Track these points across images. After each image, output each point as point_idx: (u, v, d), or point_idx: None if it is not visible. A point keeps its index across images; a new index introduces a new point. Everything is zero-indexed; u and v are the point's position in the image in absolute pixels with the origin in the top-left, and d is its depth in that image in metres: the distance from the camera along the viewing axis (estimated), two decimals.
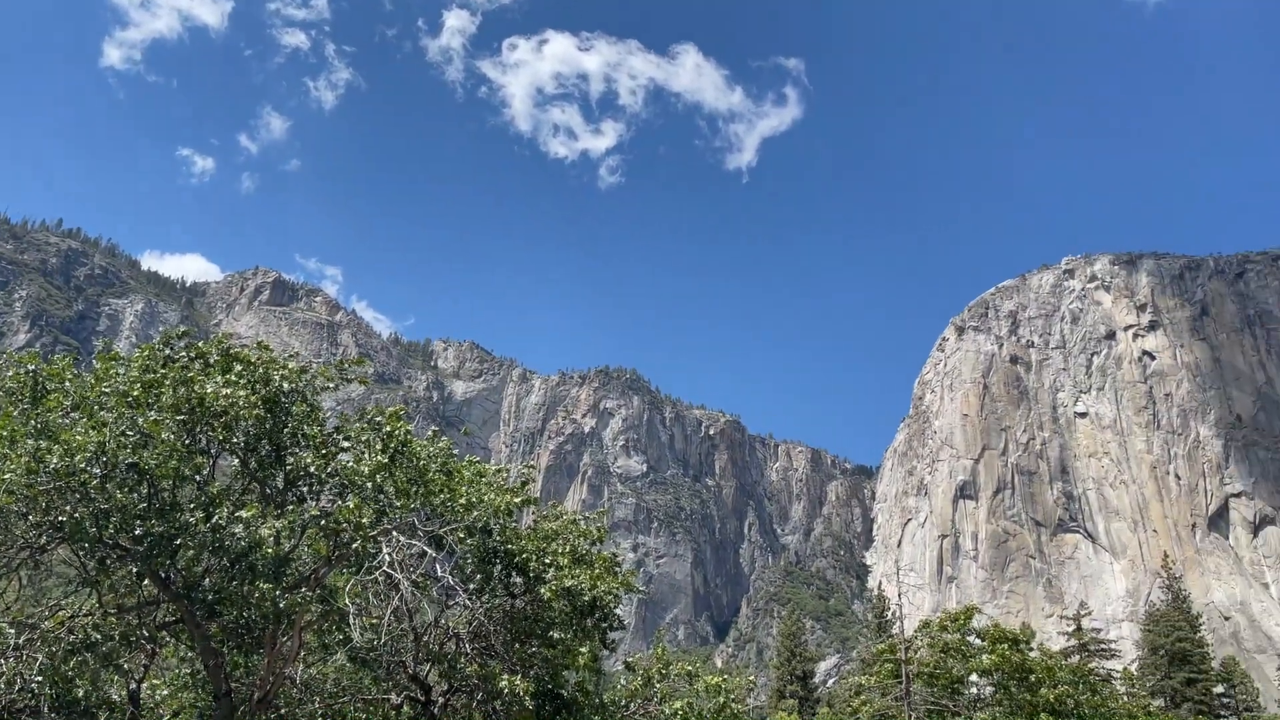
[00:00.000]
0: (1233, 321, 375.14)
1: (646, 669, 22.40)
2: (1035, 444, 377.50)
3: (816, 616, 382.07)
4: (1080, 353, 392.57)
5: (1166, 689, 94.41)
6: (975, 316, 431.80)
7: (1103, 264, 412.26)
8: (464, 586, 20.54)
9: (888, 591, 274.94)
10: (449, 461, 22.12)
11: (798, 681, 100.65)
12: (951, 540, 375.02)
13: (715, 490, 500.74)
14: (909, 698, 36.33)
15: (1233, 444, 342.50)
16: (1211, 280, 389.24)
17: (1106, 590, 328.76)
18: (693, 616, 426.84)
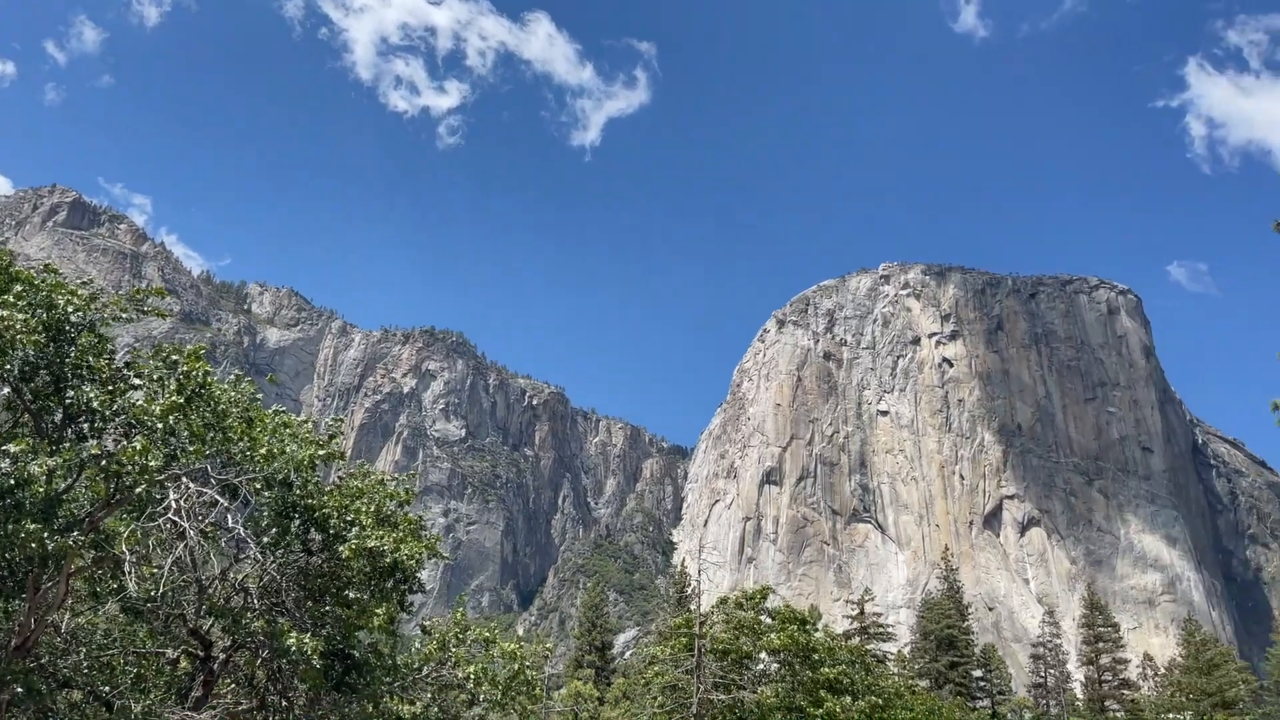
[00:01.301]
0: (1023, 338, 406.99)
1: (443, 633, 22.09)
2: (839, 437, 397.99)
3: (621, 589, 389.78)
4: (888, 354, 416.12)
5: (932, 671, 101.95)
6: (796, 311, 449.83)
7: (915, 273, 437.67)
8: (257, 540, 19.56)
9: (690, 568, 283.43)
10: (252, 409, 20.99)
11: (596, 652, 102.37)
12: (754, 523, 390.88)
13: (533, 460, 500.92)
14: (700, 670, 37.64)
15: (1011, 450, 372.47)
16: (1008, 298, 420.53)
17: (890, 578, 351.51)
18: (499, 584, 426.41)
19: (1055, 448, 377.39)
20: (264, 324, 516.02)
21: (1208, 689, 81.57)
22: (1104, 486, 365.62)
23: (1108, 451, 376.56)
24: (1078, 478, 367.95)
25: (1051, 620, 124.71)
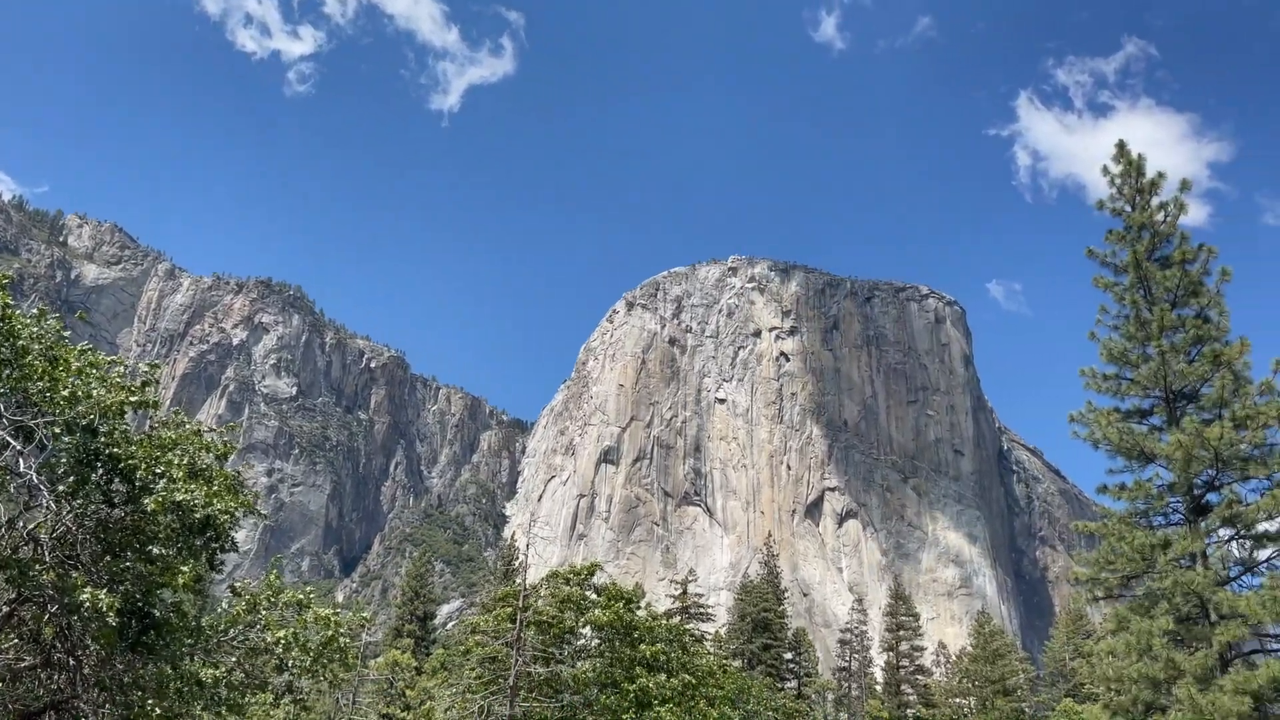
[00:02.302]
0: (856, 339, 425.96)
1: (254, 595, 21.20)
2: (678, 421, 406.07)
3: (449, 560, 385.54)
4: (730, 344, 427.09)
5: (747, 652, 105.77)
6: (646, 295, 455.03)
7: (762, 268, 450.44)
8: (52, 488, 18.18)
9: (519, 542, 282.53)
10: (57, 347, 19.47)
11: (418, 621, 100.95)
12: (589, 501, 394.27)
13: (367, 424, 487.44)
14: (520, 643, 37.75)
15: (837, 445, 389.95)
16: (846, 299, 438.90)
17: (715, 560, 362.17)
18: (321, 549, 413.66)
19: (877, 445, 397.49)
20: (81, 259, 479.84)
21: (991, 676, 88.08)
22: (917, 484, 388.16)
23: (923, 452, 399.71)
24: (895, 475, 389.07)
25: (860, 608, 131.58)
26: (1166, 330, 36.22)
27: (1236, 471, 34.27)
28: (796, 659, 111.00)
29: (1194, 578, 32.68)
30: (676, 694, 41.80)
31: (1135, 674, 32.82)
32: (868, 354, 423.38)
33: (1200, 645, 32.35)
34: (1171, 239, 37.64)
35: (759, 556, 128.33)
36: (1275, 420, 33.63)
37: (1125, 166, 38.97)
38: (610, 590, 47.01)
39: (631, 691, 39.62)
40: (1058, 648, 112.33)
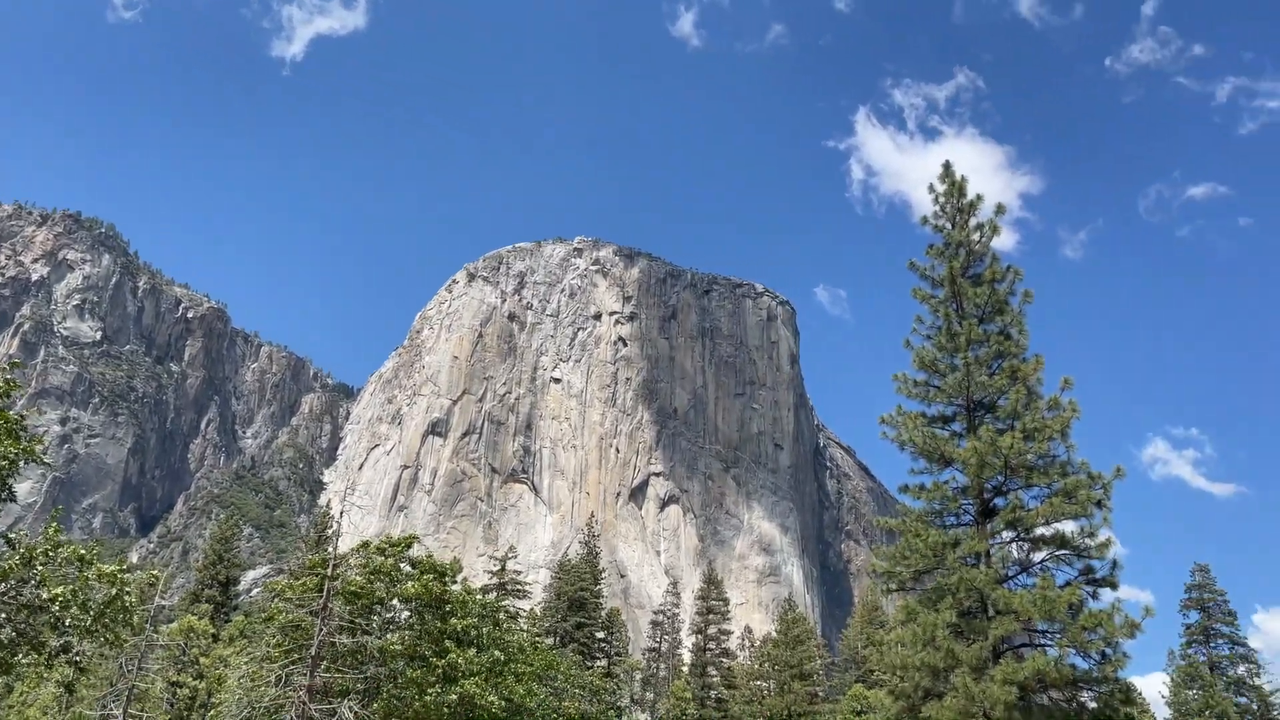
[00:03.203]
0: (692, 330, 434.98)
1: (30, 547, 19.56)
2: (511, 398, 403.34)
3: (259, 525, 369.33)
4: (569, 325, 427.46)
5: (560, 630, 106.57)
6: (489, 268, 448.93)
7: (608, 251, 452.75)
8: None
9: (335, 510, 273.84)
10: None
11: (219, 586, 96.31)
12: (412, 472, 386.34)
13: (179, 377, 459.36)
14: (326, 612, 36.58)
15: (665, 431, 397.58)
16: (685, 290, 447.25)
17: (537, 538, 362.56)
18: (117, 505, 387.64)
19: (703, 434, 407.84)
20: None
21: (790, 661, 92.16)
22: (738, 475, 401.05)
23: (746, 444, 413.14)
24: (717, 464, 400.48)
25: (674, 591, 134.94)
26: (973, 343, 38.68)
27: (1022, 479, 37.02)
28: (608, 638, 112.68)
29: (977, 575, 35.13)
30: (485, 669, 41.63)
31: (918, 662, 35.01)
32: (702, 345, 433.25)
33: (977, 638, 34.81)
34: (984, 258, 40.18)
35: (581, 536, 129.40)
36: (1059, 434, 36.53)
37: (949, 186, 41.32)
38: (425, 563, 46.27)
39: (439, 665, 39.16)
40: (853, 636, 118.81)
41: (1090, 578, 36.46)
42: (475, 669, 40.09)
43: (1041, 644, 36.39)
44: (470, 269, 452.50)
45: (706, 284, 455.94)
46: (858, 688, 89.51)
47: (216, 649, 70.60)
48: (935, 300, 40.54)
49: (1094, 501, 35.65)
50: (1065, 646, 34.29)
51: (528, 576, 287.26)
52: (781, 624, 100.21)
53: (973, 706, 32.70)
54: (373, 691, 39.90)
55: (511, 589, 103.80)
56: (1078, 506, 35.38)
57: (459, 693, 38.17)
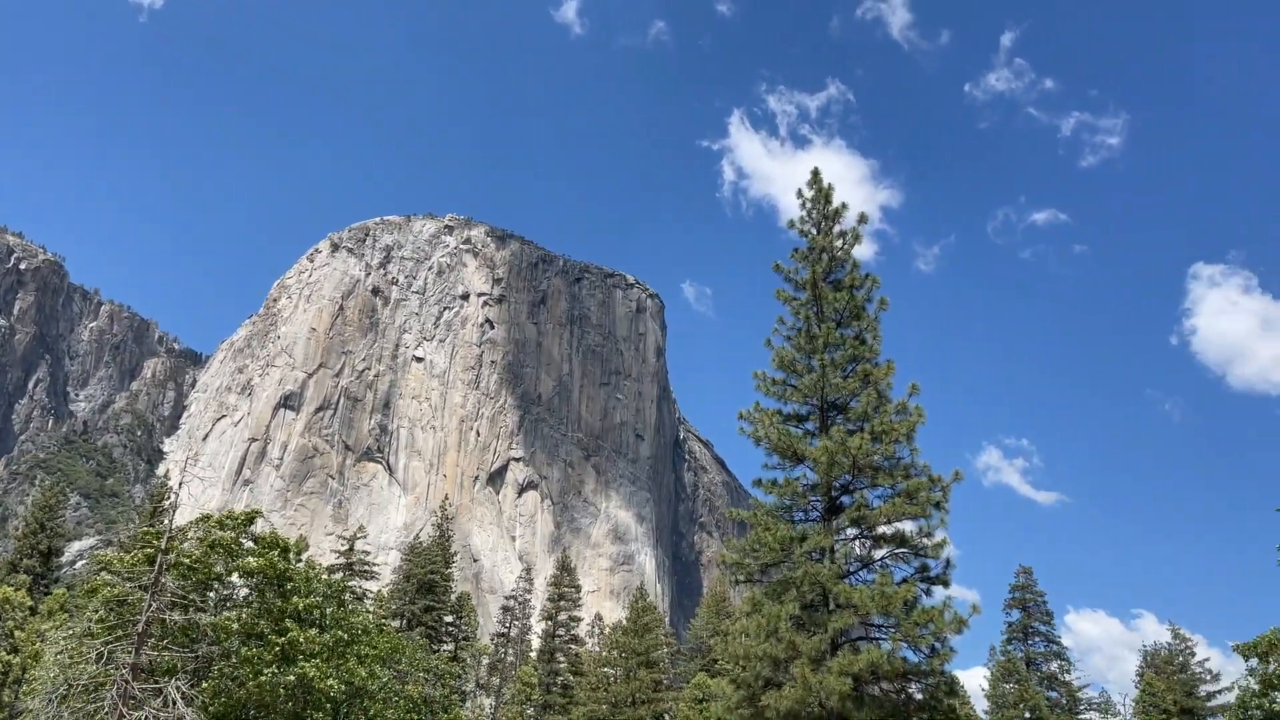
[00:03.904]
0: (561, 316, 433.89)
1: None
2: (370, 374, 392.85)
3: (89, 493, 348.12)
4: (435, 303, 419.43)
5: (408, 612, 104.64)
6: (354, 239, 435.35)
7: (479, 231, 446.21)
8: None
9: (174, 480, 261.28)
10: None
11: (40, 557, 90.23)
12: (261, 446, 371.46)
13: (6, 332, 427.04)
14: (157, 586, 34.72)
15: (528, 417, 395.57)
16: (557, 276, 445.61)
17: (389, 519, 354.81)
18: None
19: (566, 421, 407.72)
20: None
21: (638, 649, 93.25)
22: (598, 463, 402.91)
23: (608, 433, 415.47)
24: (578, 452, 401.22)
25: (527, 577, 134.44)
26: (830, 346, 39.97)
27: (868, 479, 38.52)
28: (457, 622, 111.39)
29: (821, 570, 36.36)
30: (326, 649, 40.44)
31: (761, 652, 35.99)
32: (570, 332, 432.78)
33: (818, 630, 36.02)
34: (845, 265, 41.56)
35: (434, 519, 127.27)
36: (905, 437, 38.16)
37: (817, 193, 42.54)
38: (268, 539, 44.54)
39: (278, 644, 37.79)
40: (700, 626, 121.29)
41: (925, 575, 38.28)
42: (316, 649, 38.88)
43: (877, 637, 37.96)
44: (335, 239, 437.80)
45: (578, 272, 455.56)
46: (701, 676, 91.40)
47: (34, 622, 66.24)
48: (797, 303, 41.68)
49: (933, 503, 37.42)
50: (898, 640, 35.88)
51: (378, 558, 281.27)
52: (632, 612, 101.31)
53: (809, 696, 33.84)
54: (203, 671, 38.18)
55: (359, 569, 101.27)
56: (918, 507, 37.07)
57: (297, 674, 36.91)
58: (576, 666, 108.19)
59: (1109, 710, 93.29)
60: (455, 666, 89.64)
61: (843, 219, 41.80)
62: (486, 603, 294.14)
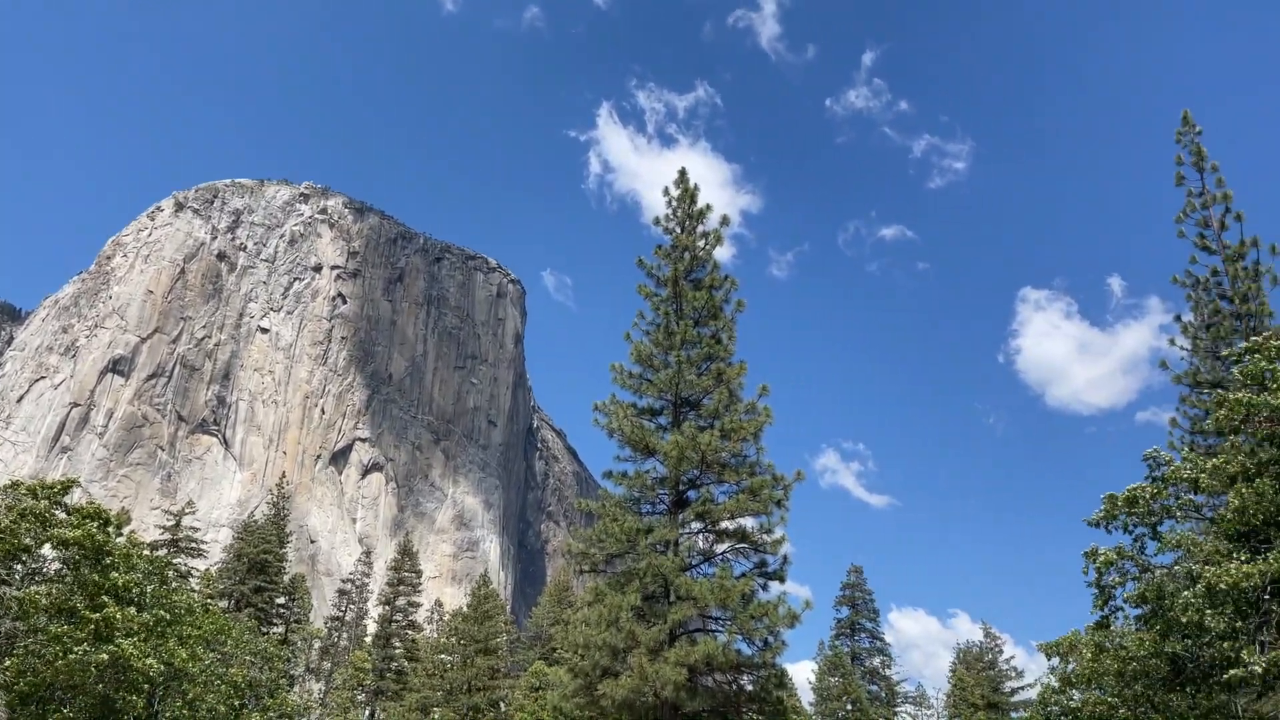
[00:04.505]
0: (418, 295, 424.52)
1: None
2: (210, 343, 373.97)
3: None
4: (286, 273, 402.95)
5: (237, 592, 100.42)
6: (202, 199, 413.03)
7: (337, 202, 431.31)
8: None
9: None
10: None
11: None
12: (83, 411, 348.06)
13: None
14: None
15: (378, 396, 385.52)
16: (416, 255, 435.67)
17: (222, 495, 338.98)
18: None
19: (417, 404, 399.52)
20: None
21: (477, 636, 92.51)
22: (448, 448, 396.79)
23: (460, 417, 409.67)
24: (428, 435, 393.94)
25: (367, 560, 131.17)
26: (687, 344, 40.74)
27: (715, 474, 39.51)
28: (289, 604, 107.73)
29: (664, 562, 37.06)
30: (145, 629, 38.36)
31: (601, 641, 36.39)
32: (427, 312, 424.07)
33: (658, 621, 36.71)
34: (706, 265, 42.45)
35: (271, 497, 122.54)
36: (753, 436, 39.30)
37: (683, 192, 43.26)
38: (87, 510, 41.86)
39: (92, 621, 35.58)
40: (541, 614, 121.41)
41: (764, 571, 39.59)
42: (134, 628, 36.82)
43: (714, 630, 38.97)
44: (179, 198, 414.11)
45: (439, 251, 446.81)
46: (539, 664, 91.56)
47: None
48: (658, 299, 42.30)
49: (775, 501, 38.74)
50: (734, 633, 36.98)
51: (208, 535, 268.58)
52: (473, 599, 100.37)
53: (645, 686, 34.45)
54: (5, 648, 35.57)
55: (186, 546, 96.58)
56: (760, 504, 38.29)
57: (111, 652, 34.83)
58: (412, 652, 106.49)
59: (923, 703, 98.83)
60: (285, 650, 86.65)
61: (706, 220, 42.64)
62: (322, 585, 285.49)
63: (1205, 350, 38.73)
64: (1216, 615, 19.94)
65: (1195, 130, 40.34)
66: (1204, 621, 19.99)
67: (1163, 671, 21.78)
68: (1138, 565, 23.28)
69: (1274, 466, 22.12)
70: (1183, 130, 40.54)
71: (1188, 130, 40.45)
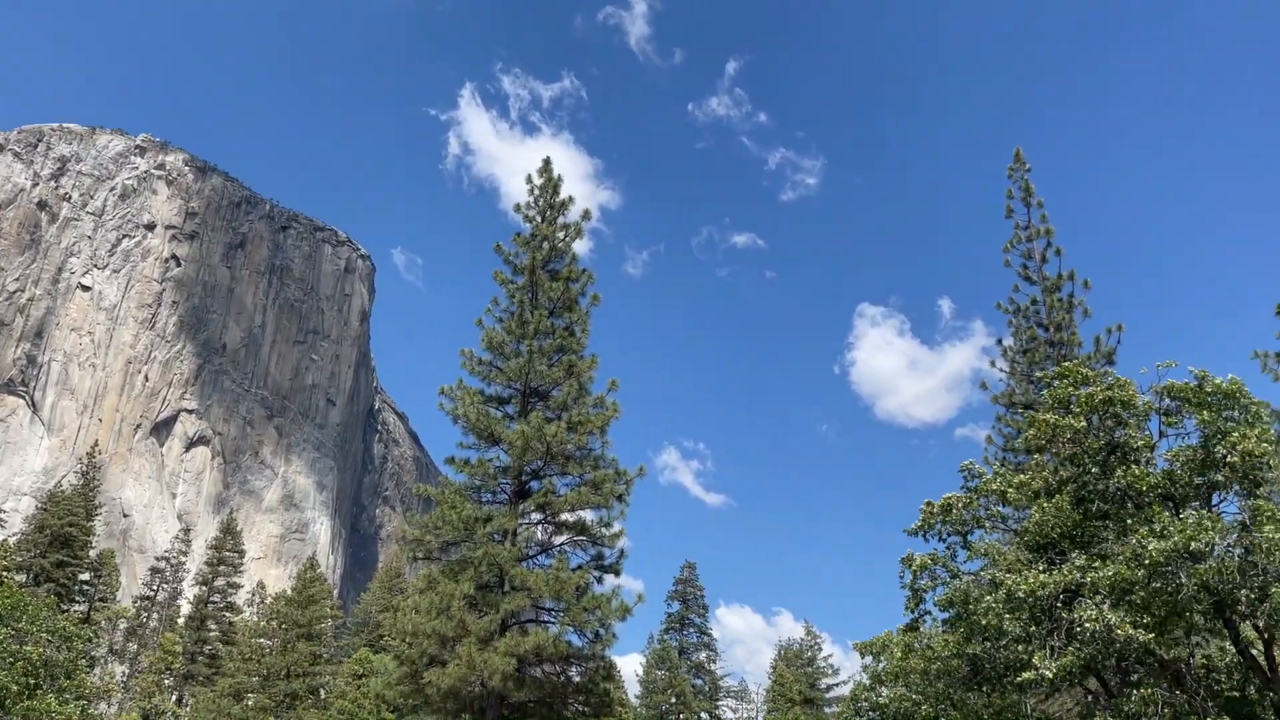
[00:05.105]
0: (260, 264, 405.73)
1: None
2: (23, 297, 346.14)
3: None
4: (114, 229, 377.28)
5: (37, 566, 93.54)
6: (24, 143, 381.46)
7: (177, 159, 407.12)
8: None
9: None
10: None
11: None
12: None
13: None
14: None
15: (208, 367, 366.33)
16: (261, 221, 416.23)
17: (27, 462, 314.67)
18: None
19: (252, 377, 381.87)
20: None
21: (300, 620, 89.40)
22: (282, 425, 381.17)
23: (297, 394, 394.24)
24: (261, 410, 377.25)
25: (185, 538, 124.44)
26: (540, 334, 40.67)
27: (559, 466, 39.61)
28: (95, 581, 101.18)
29: (501, 551, 36.89)
30: None
31: (430, 630, 35.89)
32: (268, 283, 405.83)
33: (490, 610, 36.51)
34: (565, 256, 42.49)
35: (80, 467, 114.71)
36: (599, 430, 39.62)
37: (546, 181, 43.15)
38: None
39: None
40: (370, 600, 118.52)
41: (600, 564, 40.02)
42: None
43: (547, 621, 39.12)
44: (1, 138, 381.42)
45: (286, 219, 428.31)
46: (365, 651, 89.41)
47: None
48: (514, 286, 42.05)
49: (616, 495, 39.22)
50: (566, 624, 37.23)
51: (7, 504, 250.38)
52: (299, 582, 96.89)
53: (472, 675, 34.22)
54: None
55: None
56: (601, 498, 38.67)
57: None
58: (229, 635, 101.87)
59: (745, 698, 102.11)
60: (87, 629, 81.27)
61: (568, 212, 42.70)
62: (134, 563, 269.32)
63: (1021, 374, 41.64)
64: (1014, 620, 21.46)
65: (1025, 167, 43.29)
66: (1003, 626, 21.45)
67: (963, 671, 23.29)
68: (948, 571, 24.83)
69: (1072, 485, 24.03)
70: (1014, 167, 43.44)
71: (1019, 167, 43.37)
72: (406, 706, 39.09)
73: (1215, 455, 21.21)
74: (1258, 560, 18.92)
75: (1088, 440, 23.80)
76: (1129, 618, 19.57)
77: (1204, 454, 21.56)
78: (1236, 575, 19.18)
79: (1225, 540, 19.80)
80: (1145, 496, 22.10)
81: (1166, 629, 20.01)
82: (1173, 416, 22.95)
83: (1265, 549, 18.67)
